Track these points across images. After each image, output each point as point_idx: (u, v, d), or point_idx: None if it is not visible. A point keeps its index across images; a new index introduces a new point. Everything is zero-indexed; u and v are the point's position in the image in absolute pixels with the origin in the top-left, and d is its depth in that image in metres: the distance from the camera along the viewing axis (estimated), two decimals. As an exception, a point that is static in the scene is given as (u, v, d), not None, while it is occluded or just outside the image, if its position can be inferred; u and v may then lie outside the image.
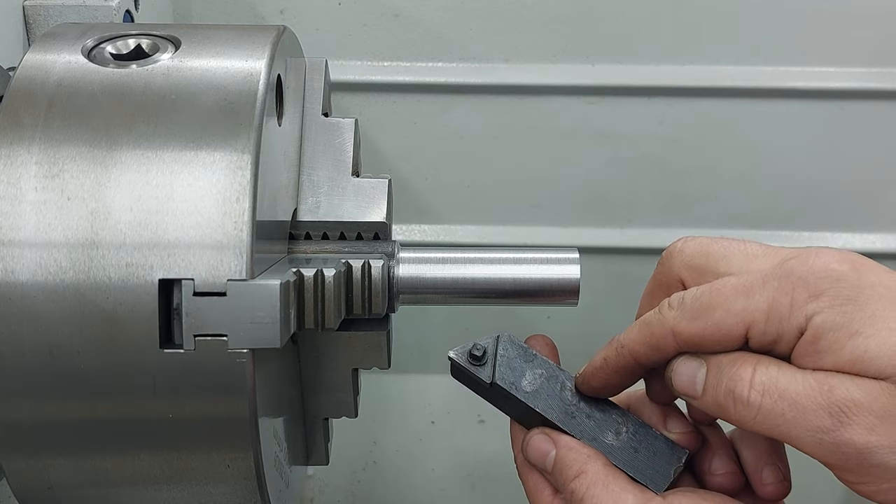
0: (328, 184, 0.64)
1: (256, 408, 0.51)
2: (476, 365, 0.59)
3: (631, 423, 0.58)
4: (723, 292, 0.50)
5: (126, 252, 0.50)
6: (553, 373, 0.59)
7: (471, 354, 0.59)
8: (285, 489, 0.61)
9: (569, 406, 0.58)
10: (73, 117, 0.53)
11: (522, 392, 0.58)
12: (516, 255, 0.63)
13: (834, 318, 0.47)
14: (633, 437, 0.57)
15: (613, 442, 0.57)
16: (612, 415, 0.58)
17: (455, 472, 1.14)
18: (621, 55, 0.95)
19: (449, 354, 0.59)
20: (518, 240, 1.02)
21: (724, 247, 0.54)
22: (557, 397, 0.58)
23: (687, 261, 0.55)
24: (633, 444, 0.57)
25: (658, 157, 0.98)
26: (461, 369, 0.59)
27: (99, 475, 0.54)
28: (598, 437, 0.57)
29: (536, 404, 0.58)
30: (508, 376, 0.58)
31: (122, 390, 0.51)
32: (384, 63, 0.96)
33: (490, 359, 0.59)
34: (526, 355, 0.59)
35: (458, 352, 0.59)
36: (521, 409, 0.58)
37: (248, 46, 0.57)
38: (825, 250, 0.49)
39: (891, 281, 0.49)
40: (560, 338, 0.63)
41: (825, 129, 0.97)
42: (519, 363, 0.59)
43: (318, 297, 0.56)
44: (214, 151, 0.51)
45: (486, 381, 0.58)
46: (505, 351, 0.59)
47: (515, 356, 0.59)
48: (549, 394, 0.58)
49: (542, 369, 0.59)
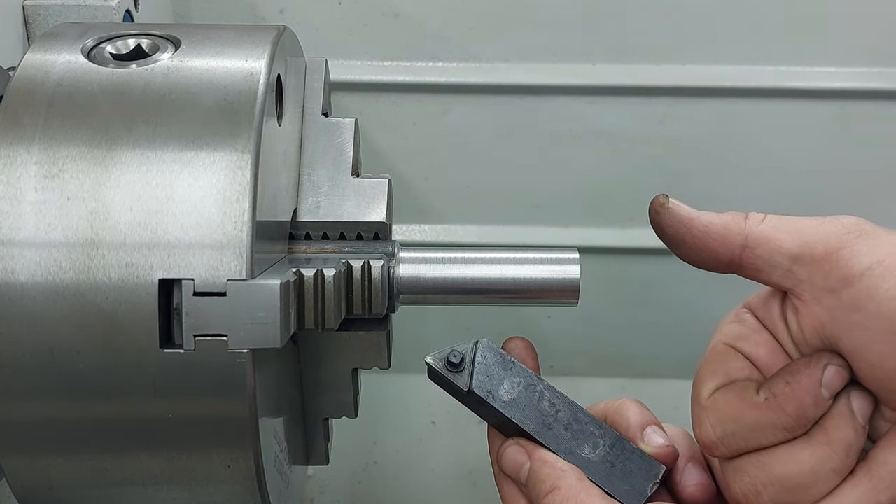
0: (328, 184, 0.64)
1: (256, 408, 0.51)
2: (453, 371, 0.58)
3: (608, 437, 0.57)
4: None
5: (126, 252, 0.50)
6: (531, 382, 0.58)
7: (448, 361, 0.58)
8: (285, 489, 0.61)
9: (546, 417, 0.57)
10: (73, 117, 0.53)
11: (499, 401, 0.57)
12: (516, 255, 0.63)
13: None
14: (609, 451, 0.56)
15: (590, 455, 0.56)
16: (590, 427, 0.57)
17: (455, 473, 1.14)
18: (622, 55, 0.95)
19: (426, 359, 0.58)
20: (518, 240, 1.01)
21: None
22: (535, 407, 0.57)
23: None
24: (610, 458, 0.56)
25: (658, 157, 0.98)
26: (438, 374, 0.58)
27: (99, 475, 0.54)
28: (575, 450, 0.56)
29: (513, 414, 0.57)
30: (486, 384, 0.58)
31: (121, 390, 0.50)
32: (384, 63, 0.96)
33: (468, 365, 0.58)
34: (504, 363, 0.58)
35: (436, 357, 0.58)
36: (498, 418, 0.58)
37: (248, 46, 0.57)
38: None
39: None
40: (560, 338, 0.63)
41: (825, 129, 0.97)
42: (497, 371, 0.58)
43: (318, 297, 0.56)
44: (214, 151, 0.51)
45: (463, 388, 0.58)
46: (483, 358, 0.58)
47: (494, 363, 0.58)
48: (526, 403, 0.57)
49: (520, 378, 0.58)
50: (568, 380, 1.09)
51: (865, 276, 0.48)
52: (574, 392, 0.60)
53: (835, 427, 0.50)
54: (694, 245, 0.53)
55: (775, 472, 0.51)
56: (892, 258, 0.48)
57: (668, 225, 0.53)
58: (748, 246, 0.52)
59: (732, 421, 0.52)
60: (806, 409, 0.50)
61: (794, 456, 0.50)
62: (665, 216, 0.53)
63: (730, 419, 0.52)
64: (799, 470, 0.50)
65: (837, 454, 0.50)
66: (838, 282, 0.49)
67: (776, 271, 0.52)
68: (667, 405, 0.64)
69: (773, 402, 0.51)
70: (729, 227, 0.53)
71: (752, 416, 0.51)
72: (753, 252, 0.52)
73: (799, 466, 0.50)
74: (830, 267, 0.50)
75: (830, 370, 0.50)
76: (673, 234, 0.53)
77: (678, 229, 0.53)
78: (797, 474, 0.50)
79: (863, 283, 0.48)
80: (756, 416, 0.51)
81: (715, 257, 0.53)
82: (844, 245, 0.50)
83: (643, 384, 1.08)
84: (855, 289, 0.49)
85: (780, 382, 0.51)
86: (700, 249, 0.53)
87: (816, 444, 0.50)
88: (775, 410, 0.51)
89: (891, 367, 0.48)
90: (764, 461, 0.51)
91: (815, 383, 0.50)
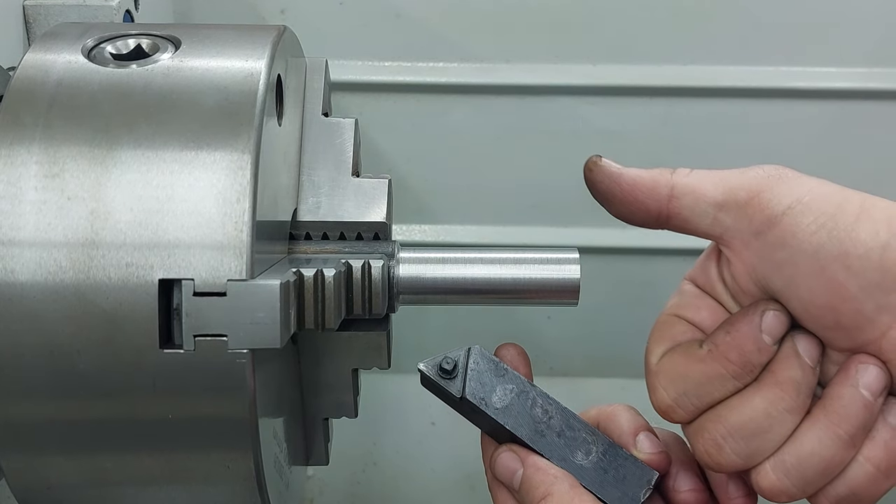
0: (328, 184, 0.64)
1: (256, 408, 0.51)
2: (446, 378, 0.58)
3: (601, 443, 0.57)
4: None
5: (126, 252, 0.50)
6: (524, 388, 0.58)
7: (441, 367, 0.58)
8: (285, 490, 0.61)
9: (538, 423, 0.57)
10: (74, 117, 0.52)
11: (492, 408, 0.57)
12: (516, 255, 0.63)
13: None
14: (602, 458, 0.56)
15: (583, 462, 0.56)
16: (583, 433, 0.57)
17: (455, 473, 1.14)
18: (622, 55, 0.95)
19: (419, 366, 0.58)
20: (518, 240, 1.01)
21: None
22: (527, 414, 0.57)
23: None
24: (603, 464, 0.56)
25: (659, 157, 0.98)
26: (431, 381, 0.58)
27: (99, 475, 0.54)
28: (568, 456, 0.56)
29: (506, 421, 0.57)
30: (478, 391, 0.58)
31: (121, 390, 0.50)
32: (384, 63, 0.96)
33: (461, 372, 0.58)
34: (497, 369, 0.58)
35: (428, 364, 0.58)
36: (491, 425, 0.58)
37: (248, 46, 0.57)
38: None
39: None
40: (560, 338, 0.63)
41: (825, 129, 0.97)
42: (489, 377, 0.58)
43: (318, 298, 0.56)
44: (214, 151, 0.51)
45: (456, 395, 0.58)
46: (476, 364, 0.58)
47: (486, 370, 0.58)
48: (518, 410, 0.57)
49: (512, 384, 0.58)
50: (567, 380, 1.09)
51: (786, 215, 0.51)
52: (573, 393, 0.60)
53: (781, 368, 0.51)
54: (623, 198, 0.55)
55: (731, 421, 0.52)
56: (809, 196, 0.51)
57: (600, 181, 0.55)
58: (674, 196, 0.54)
59: (681, 379, 0.53)
60: (749, 356, 0.52)
61: (746, 402, 0.52)
62: (597, 173, 0.55)
63: (679, 377, 0.53)
64: (753, 415, 0.51)
65: (788, 393, 0.51)
66: (762, 224, 0.51)
67: (703, 220, 0.54)
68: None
69: (716, 352, 0.52)
70: (656, 180, 0.55)
71: (698, 370, 0.53)
72: (680, 202, 0.54)
73: (753, 411, 0.51)
74: (753, 211, 0.52)
75: (769, 315, 0.52)
76: (604, 189, 0.55)
77: (608, 185, 0.55)
78: (752, 419, 0.51)
79: (785, 222, 0.50)
80: (702, 368, 0.52)
81: (644, 209, 0.54)
82: (765, 188, 0.52)
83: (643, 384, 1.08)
84: (778, 228, 0.51)
85: (721, 333, 0.53)
86: (629, 203, 0.55)
87: (766, 387, 0.51)
88: (719, 360, 0.52)
89: (822, 302, 0.50)
90: (719, 413, 0.52)
91: (755, 329, 0.52)
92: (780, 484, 0.51)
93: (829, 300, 0.50)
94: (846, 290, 0.49)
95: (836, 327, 0.51)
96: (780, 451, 0.52)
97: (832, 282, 0.49)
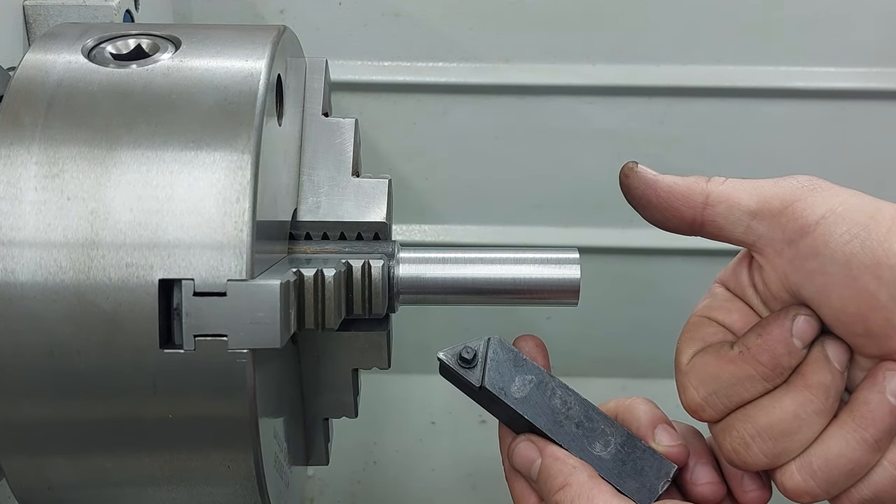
0: (328, 184, 0.64)
1: (256, 408, 0.51)
2: (465, 367, 0.58)
3: (619, 435, 0.57)
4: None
5: (126, 252, 0.50)
6: (543, 379, 0.58)
7: (461, 357, 0.58)
8: (285, 490, 0.61)
9: (557, 414, 0.57)
10: (74, 117, 0.52)
11: (511, 398, 0.58)
12: (516, 255, 0.63)
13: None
14: (620, 449, 0.57)
15: (601, 453, 0.56)
16: (601, 425, 0.57)
17: (455, 473, 1.14)
18: (621, 55, 0.95)
19: (438, 355, 0.59)
20: (518, 240, 1.01)
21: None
22: (546, 404, 0.58)
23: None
24: (621, 456, 0.56)
25: (658, 157, 0.98)
26: (450, 370, 0.59)
27: (99, 475, 0.54)
28: (586, 447, 0.56)
29: (525, 411, 0.57)
30: (497, 381, 0.58)
31: (121, 390, 0.50)
32: (384, 63, 0.96)
33: (480, 362, 0.58)
34: (516, 360, 0.59)
35: (448, 353, 0.59)
36: (510, 414, 0.58)
37: (248, 46, 0.57)
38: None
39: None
40: (560, 338, 0.63)
41: (825, 129, 0.97)
42: (508, 368, 0.58)
43: (319, 297, 0.56)
44: (214, 151, 0.51)
45: (476, 384, 0.58)
46: (495, 354, 0.59)
47: (505, 360, 0.59)
48: (537, 401, 0.58)
49: (532, 375, 0.58)
50: (568, 380, 1.08)
51: (819, 225, 0.51)
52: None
53: (811, 372, 0.52)
54: (659, 204, 0.55)
55: (760, 421, 0.53)
56: (842, 207, 0.51)
57: (636, 186, 0.56)
58: (709, 204, 0.54)
59: (712, 379, 0.54)
60: (780, 358, 0.52)
61: (775, 403, 0.53)
62: (633, 178, 0.56)
63: (709, 378, 0.54)
64: (782, 416, 0.52)
65: (817, 396, 0.52)
66: (795, 233, 0.52)
67: (737, 228, 0.54)
68: (667, 405, 0.64)
69: (747, 353, 0.53)
70: (692, 188, 0.55)
71: (729, 371, 0.53)
72: (714, 210, 0.54)
73: (782, 412, 0.52)
74: (787, 220, 0.52)
75: (800, 319, 0.53)
76: (640, 195, 0.56)
77: (644, 190, 0.56)
78: (781, 420, 0.52)
79: (818, 232, 0.51)
80: (733, 369, 0.53)
81: (679, 216, 0.55)
82: (799, 198, 0.52)
83: (643, 384, 1.08)
84: (811, 237, 0.51)
85: (753, 336, 0.54)
86: (664, 209, 0.55)
87: (795, 389, 0.52)
88: (750, 362, 0.53)
89: (853, 310, 0.51)
90: (748, 413, 0.53)
91: (787, 332, 0.53)
92: (805, 485, 0.52)
93: (859, 308, 0.50)
94: (877, 300, 0.50)
95: (866, 335, 0.51)
96: (807, 453, 0.52)
97: (863, 291, 0.50)
